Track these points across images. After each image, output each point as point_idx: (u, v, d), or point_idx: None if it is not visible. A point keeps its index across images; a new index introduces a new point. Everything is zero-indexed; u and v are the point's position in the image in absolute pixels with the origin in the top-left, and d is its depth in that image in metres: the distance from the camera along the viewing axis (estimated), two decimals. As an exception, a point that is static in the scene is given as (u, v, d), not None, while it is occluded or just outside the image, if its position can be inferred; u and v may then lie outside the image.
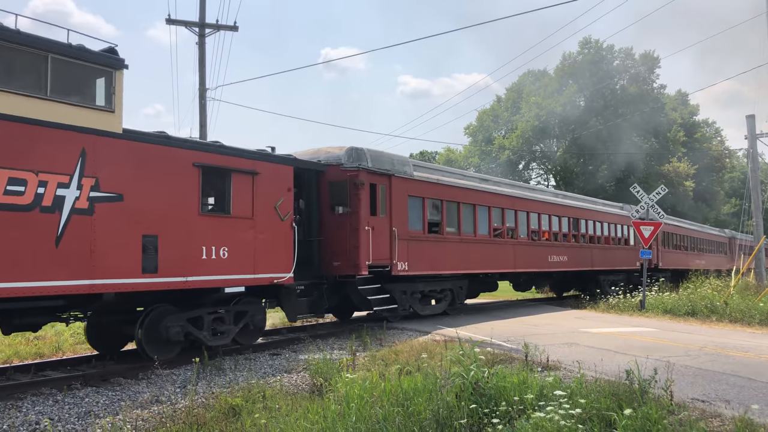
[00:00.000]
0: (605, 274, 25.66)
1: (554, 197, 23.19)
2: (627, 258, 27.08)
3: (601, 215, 25.52)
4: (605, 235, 25.55)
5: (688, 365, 9.38)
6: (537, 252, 20.29)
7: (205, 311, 10.40)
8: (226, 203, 10.59)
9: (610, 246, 25.88)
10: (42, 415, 7.16)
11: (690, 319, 16.85)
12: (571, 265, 22.29)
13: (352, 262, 13.03)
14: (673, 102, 53.17)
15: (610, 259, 25.52)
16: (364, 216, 13.29)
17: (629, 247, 27.48)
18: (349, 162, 13.52)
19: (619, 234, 26.95)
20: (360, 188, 13.27)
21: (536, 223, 20.55)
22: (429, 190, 15.70)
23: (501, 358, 9.61)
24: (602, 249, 25.03)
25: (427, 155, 63.47)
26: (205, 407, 7.45)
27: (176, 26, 23.25)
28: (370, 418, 6.03)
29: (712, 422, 6.14)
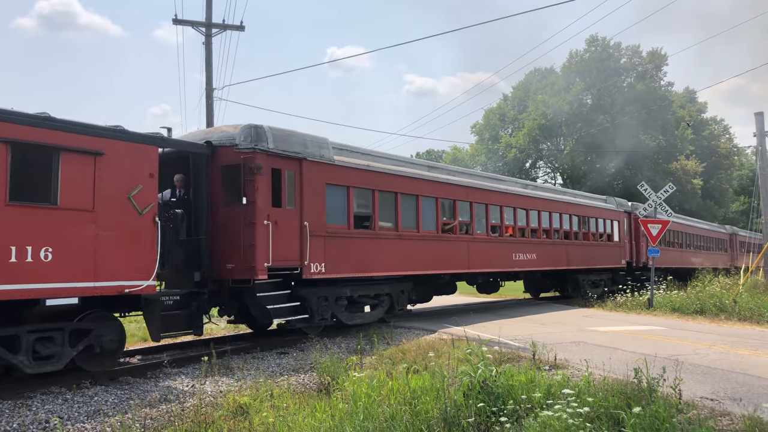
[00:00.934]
0: (585, 274, 23.16)
1: (523, 188, 20.68)
2: (611, 256, 24.70)
3: (580, 209, 22.83)
4: (584, 230, 22.89)
5: (696, 364, 9.34)
6: (498, 250, 18.01)
7: (25, 330, 8.11)
8: (52, 191, 8.22)
9: (591, 243, 23.17)
10: (51, 413, 7.20)
11: (698, 318, 16.77)
12: (542, 264, 19.96)
13: (247, 264, 10.71)
14: (680, 100, 52.88)
15: (590, 257, 22.98)
16: (262, 208, 10.96)
17: (613, 244, 24.99)
18: (244, 142, 11.12)
19: (602, 229, 24.25)
20: (257, 174, 10.92)
21: (497, 217, 18.37)
22: (356, 178, 13.29)
23: (509, 357, 9.60)
24: (581, 246, 22.39)
25: (434, 154, 63.48)
26: (213, 406, 7.48)
27: (183, 26, 23.33)
28: (377, 417, 6.04)
29: (721, 421, 6.11)
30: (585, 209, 23.24)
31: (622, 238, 25.59)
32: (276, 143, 11.45)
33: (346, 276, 12.88)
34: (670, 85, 51.68)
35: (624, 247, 25.62)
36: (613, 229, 25.01)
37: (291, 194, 11.70)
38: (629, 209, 26.52)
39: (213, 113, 23.06)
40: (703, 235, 37.52)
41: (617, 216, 25.47)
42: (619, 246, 25.29)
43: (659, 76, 49.85)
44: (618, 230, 25.26)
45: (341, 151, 13.32)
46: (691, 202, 47.19)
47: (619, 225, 25.44)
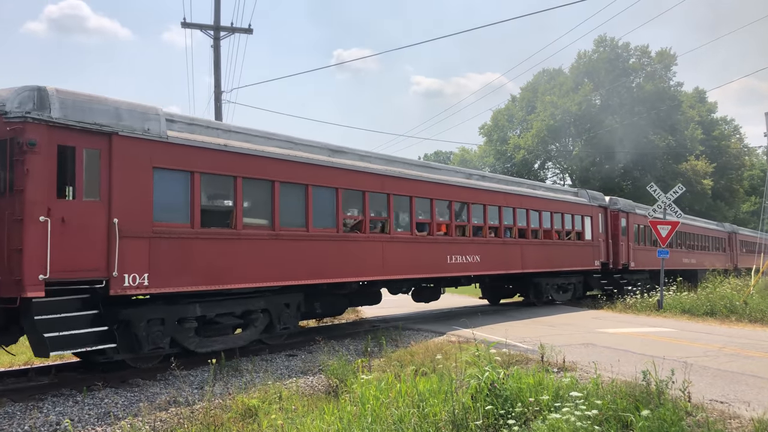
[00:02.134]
0: (549, 277, 20.48)
1: (465, 179, 17.30)
2: (581, 256, 21.50)
3: (539, 203, 19.71)
4: (546, 228, 19.90)
5: (706, 366, 9.29)
6: (426, 251, 14.96)
7: None
8: None
9: (555, 242, 20.16)
10: (62, 415, 7.26)
11: (708, 319, 16.68)
12: (489, 267, 17.02)
13: (13, 277, 7.87)
14: (690, 100, 52.58)
15: (554, 258, 20.04)
16: (37, 199, 8.05)
17: (585, 243, 21.83)
18: (16, 109, 8.16)
19: (569, 226, 21.04)
20: (29, 152, 8.03)
21: (427, 212, 15.25)
22: (205, 161, 10.14)
23: (517, 359, 9.60)
24: (541, 246, 19.45)
25: (442, 155, 63.39)
26: (222, 408, 7.52)
27: (191, 29, 23.47)
28: (385, 420, 6.05)
29: (731, 423, 6.08)
30: (547, 203, 20.11)
31: (596, 236, 22.57)
32: (66, 111, 8.48)
33: (191, 290, 9.80)
34: (680, 85, 51.39)
35: (598, 246, 22.62)
36: (585, 226, 21.94)
37: (92, 181, 8.70)
38: (605, 204, 23.88)
39: (222, 116, 23.18)
40: (696, 233, 34.26)
41: (589, 211, 22.45)
42: (592, 245, 22.25)
43: (668, 76, 49.60)
44: (591, 227, 22.25)
45: (181, 125, 10.19)
46: (701, 202, 46.86)
47: (592, 221, 22.40)
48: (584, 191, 23.02)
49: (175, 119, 10.13)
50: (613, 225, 23.78)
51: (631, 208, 25.36)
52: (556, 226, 20.38)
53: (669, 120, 46.95)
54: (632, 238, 24.93)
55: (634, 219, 25.43)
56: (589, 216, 22.18)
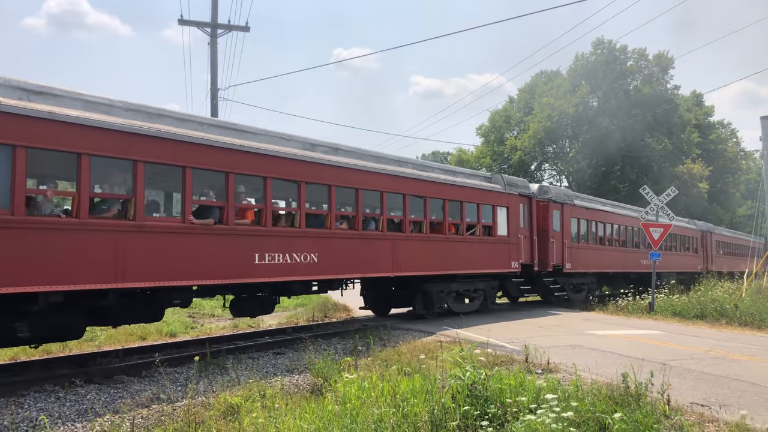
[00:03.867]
0: (442, 282, 16.20)
1: (300, 150, 12.43)
2: (492, 256, 17.56)
3: (426, 187, 15.25)
4: (436, 219, 15.85)
5: (691, 369, 9.31)
6: (212, 247, 10.35)
7: None
8: None
9: (450, 238, 16.00)
10: (43, 411, 7.25)
11: (699, 322, 16.71)
12: (334, 269, 12.69)
13: None
14: (687, 103, 52.65)
15: (447, 258, 15.81)
16: None
17: (497, 240, 17.69)
18: None
19: (472, 218, 17.00)
20: None
21: (219, 192, 10.85)
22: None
23: (502, 360, 9.60)
24: (426, 242, 15.16)
25: (439, 155, 63.39)
26: (205, 406, 7.51)
27: (189, 27, 23.46)
28: (366, 419, 6.04)
29: (708, 427, 6.09)
30: (436, 188, 15.62)
31: (515, 231, 18.46)
32: None
33: None
34: (677, 88, 51.44)
35: (517, 244, 18.44)
36: (498, 219, 17.77)
37: None
38: (529, 192, 19.76)
39: (218, 113, 23.20)
40: None
41: (505, 200, 18.21)
42: (508, 243, 18.09)
43: (665, 79, 49.68)
44: (507, 221, 18.10)
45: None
46: (697, 206, 46.91)
47: (509, 213, 18.24)
48: (499, 176, 18.87)
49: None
50: (542, 218, 20.08)
51: (567, 198, 21.85)
52: (451, 217, 16.29)
53: (666, 123, 47.03)
54: (569, 234, 21.20)
55: (572, 212, 21.78)
56: (504, 207, 18.11)
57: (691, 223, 34.89)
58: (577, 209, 22.10)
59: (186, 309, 18.27)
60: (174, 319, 16.14)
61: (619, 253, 25.54)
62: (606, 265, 24.28)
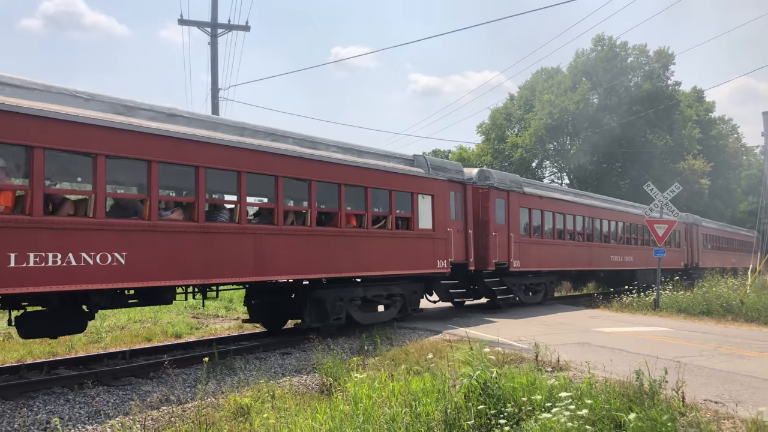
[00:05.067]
0: (340, 288, 12.89)
1: (110, 112, 8.99)
2: (412, 254, 14.19)
3: (309, 168, 11.79)
4: (328, 208, 13.11)
5: (701, 365, 9.27)
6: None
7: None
8: None
9: (347, 231, 12.55)
10: (53, 414, 7.21)
11: (705, 319, 16.70)
12: (149, 274, 9.21)
13: None
14: (688, 99, 52.61)
15: (344, 257, 12.44)
16: None
17: (418, 234, 14.33)
18: None
19: (383, 208, 13.94)
20: None
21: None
22: None
23: (511, 358, 9.58)
24: (310, 237, 11.76)
25: (440, 154, 63.29)
26: (215, 407, 7.48)
27: (189, 27, 23.42)
28: (378, 419, 6.01)
29: (725, 424, 6.06)
30: (324, 169, 12.12)
31: (443, 223, 15.24)
32: None
33: None
34: (678, 84, 51.39)
35: (445, 239, 15.23)
36: (418, 209, 14.48)
37: None
38: (464, 178, 16.61)
39: (219, 113, 23.13)
40: (634, 222, 26.81)
41: (429, 187, 14.90)
42: (433, 237, 14.84)
43: (666, 76, 49.62)
44: (432, 211, 14.91)
45: None
46: (698, 202, 46.88)
47: (434, 203, 14.99)
48: (423, 158, 15.36)
49: None
50: (481, 208, 17.27)
51: (515, 184, 18.81)
52: (351, 206, 13.34)
53: (667, 119, 46.99)
54: (516, 227, 18.28)
55: (521, 201, 18.83)
56: (427, 195, 14.89)
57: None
58: (527, 198, 19.18)
59: (191, 309, 18.31)
60: (179, 320, 16.11)
61: (583, 249, 22.31)
62: (567, 263, 21.37)
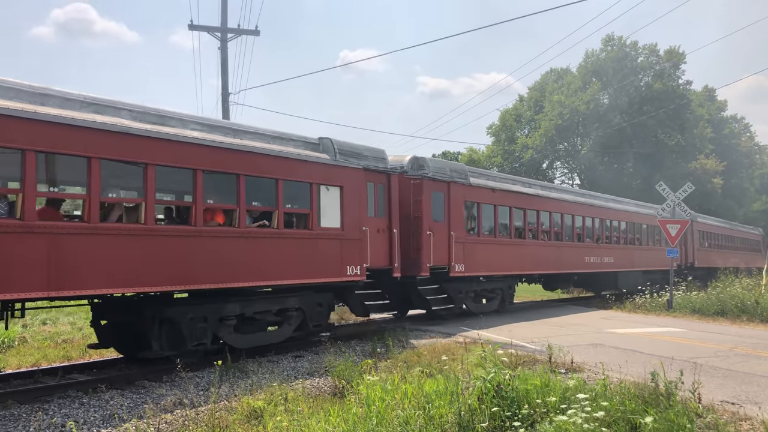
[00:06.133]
0: (203, 303, 10.31)
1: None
2: (306, 259, 11.55)
3: (143, 147, 9.08)
4: (181, 200, 10.46)
5: (717, 366, 9.18)
6: None
7: None
8: None
9: (201, 231, 9.81)
10: (68, 417, 7.25)
11: (719, 319, 16.55)
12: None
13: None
14: (699, 98, 52.24)
15: (200, 263, 9.78)
16: None
17: (320, 234, 11.83)
18: None
19: (269, 202, 11.48)
20: None
21: None
22: None
23: (524, 360, 9.52)
24: (145, 238, 9.07)
25: (450, 156, 63.21)
26: (228, 410, 7.49)
27: (198, 32, 23.53)
28: (391, 421, 5.99)
29: (742, 425, 5.99)
30: (169, 150, 9.41)
31: (356, 221, 12.62)
32: None
33: None
34: (689, 83, 51.08)
35: (359, 240, 12.60)
36: (320, 204, 11.88)
37: None
38: (384, 167, 13.66)
39: (229, 117, 23.21)
40: (618, 219, 23.81)
41: (337, 177, 12.27)
42: (341, 238, 12.25)
43: (677, 75, 49.31)
44: (341, 206, 12.30)
45: None
46: (711, 201, 46.52)
47: (343, 196, 12.37)
48: (329, 141, 12.43)
49: None
50: (413, 202, 14.42)
51: (457, 174, 15.89)
52: (216, 199, 11.16)
53: (678, 119, 46.70)
54: (460, 224, 15.52)
55: (466, 194, 15.94)
56: (334, 186, 12.23)
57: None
58: (475, 190, 16.25)
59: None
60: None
61: (549, 250, 19.36)
62: (527, 266, 18.36)
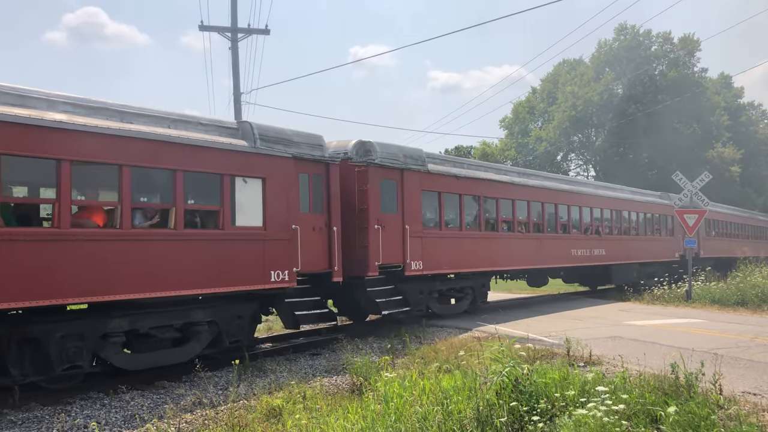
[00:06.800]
0: (76, 318, 8.64)
1: None
2: (217, 265, 9.84)
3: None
4: (39, 197, 9.80)
5: (738, 357, 9.08)
6: None
7: None
8: None
9: (66, 234, 8.00)
10: (89, 418, 7.35)
11: (740, 309, 16.37)
12: None
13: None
14: (715, 86, 51.58)
15: (68, 271, 8.02)
16: None
17: (230, 235, 10.04)
18: None
19: (165, 198, 9.67)
20: None
21: None
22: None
23: (542, 354, 9.48)
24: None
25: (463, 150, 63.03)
26: (247, 409, 7.54)
27: (209, 32, 23.64)
28: (409, 418, 6.00)
29: (765, 416, 5.92)
30: (23, 136, 7.59)
31: (284, 219, 10.95)
32: None
33: None
34: (704, 71, 50.45)
35: (288, 240, 10.94)
36: (235, 199, 10.25)
37: None
38: (320, 156, 11.78)
39: (242, 117, 23.31)
40: (610, 207, 21.62)
41: (258, 167, 10.56)
42: (264, 239, 10.59)
43: (692, 63, 48.73)
44: (263, 201, 10.64)
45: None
46: (729, 190, 45.94)
47: (266, 189, 10.68)
48: (249, 125, 10.77)
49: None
50: (358, 193, 12.79)
51: (413, 161, 13.92)
52: (84, 195, 9.38)
53: (694, 107, 46.10)
54: (417, 217, 13.80)
55: (424, 182, 14.08)
56: (255, 177, 10.56)
57: (663, 197, 26.12)
58: (435, 178, 14.37)
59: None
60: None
61: (529, 243, 17.51)
62: (501, 261, 16.37)
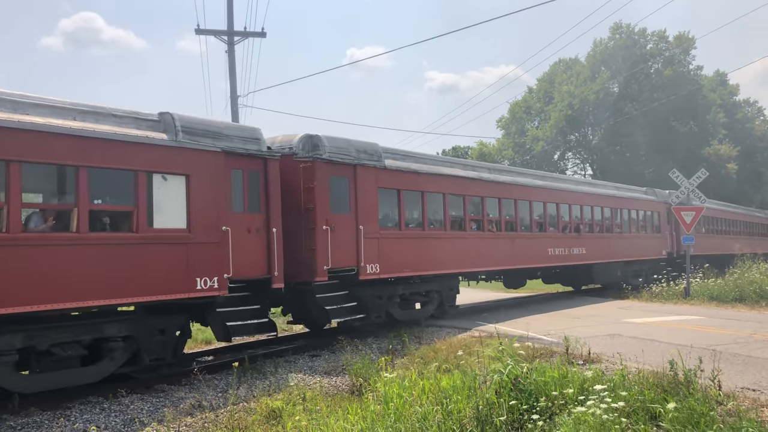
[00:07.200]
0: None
1: None
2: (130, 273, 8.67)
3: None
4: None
5: (737, 353, 9.10)
6: None
7: None
8: None
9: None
10: (89, 423, 7.33)
11: (738, 306, 16.40)
12: None
13: None
14: (711, 83, 51.69)
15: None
16: None
17: (146, 239, 8.90)
18: None
19: (70, 198, 8.47)
20: None
21: None
22: None
23: (541, 353, 9.49)
24: None
25: (460, 150, 63.09)
26: (247, 411, 7.54)
27: (205, 36, 23.65)
28: (409, 418, 6.00)
29: (764, 412, 5.93)
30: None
31: (213, 219, 9.87)
32: None
33: None
34: (700, 68, 50.55)
35: (216, 243, 9.81)
36: (154, 199, 9.16)
37: None
38: (257, 150, 10.67)
39: (239, 121, 23.31)
40: (584, 204, 20.27)
41: (181, 163, 9.48)
42: (188, 242, 9.46)
43: (687, 61, 48.83)
44: (186, 201, 9.54)
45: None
46: (726, 187, 46.01)
47: (190, 187, 9.57)
48: (171, 116, 9.59)
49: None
50: (303, 192, 11.74)
51: (367, 156, 12.91)
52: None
53: (690, 105, 46.22)
54: (373, 216, 12.81)
55: (380, 179, 13.10)
56: (177, 174, 9.47)
57: (649, 192, 25.32)
58: (392, 175, 13.40)
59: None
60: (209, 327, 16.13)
61: (502, 242, 16.48)
62: (468, 263, 15.39)
